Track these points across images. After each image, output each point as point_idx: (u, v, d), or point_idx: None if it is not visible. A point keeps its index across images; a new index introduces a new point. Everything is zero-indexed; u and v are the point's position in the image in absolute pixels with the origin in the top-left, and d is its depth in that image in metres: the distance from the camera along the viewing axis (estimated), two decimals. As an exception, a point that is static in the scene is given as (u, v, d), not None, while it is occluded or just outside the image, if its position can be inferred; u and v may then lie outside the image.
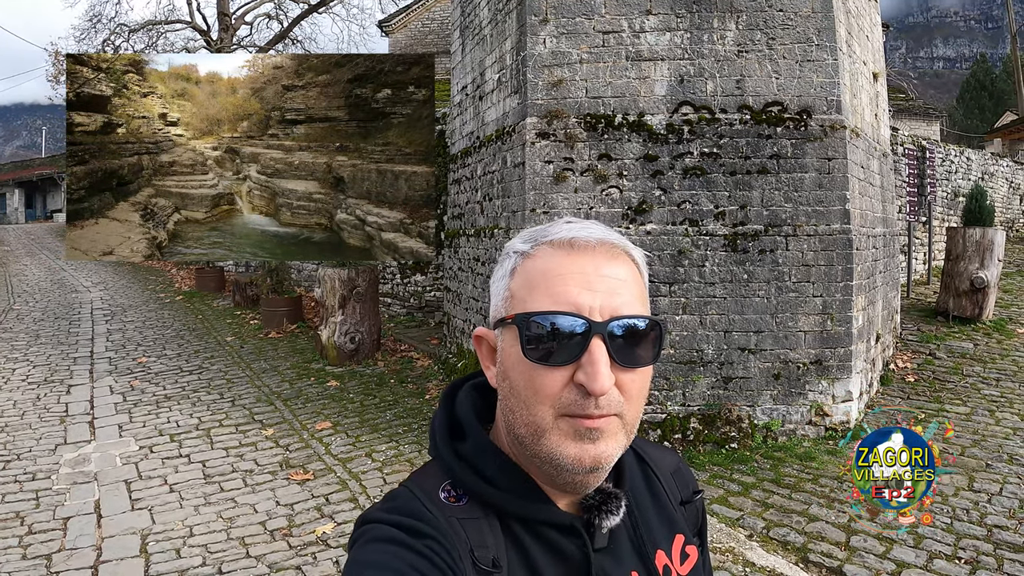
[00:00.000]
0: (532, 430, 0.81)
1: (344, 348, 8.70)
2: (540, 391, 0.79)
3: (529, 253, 0.84)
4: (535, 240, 0.85)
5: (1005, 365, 7.53)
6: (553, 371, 0.79)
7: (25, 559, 4.12)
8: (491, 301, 0.89)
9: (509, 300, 0.84)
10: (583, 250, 0.82)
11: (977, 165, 14.30)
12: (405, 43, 24.65)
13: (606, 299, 0.80)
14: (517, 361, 0.81)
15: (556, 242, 0.83)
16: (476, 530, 0.83)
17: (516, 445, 0.85)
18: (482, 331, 0.90)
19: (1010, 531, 4.29)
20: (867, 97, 7.04)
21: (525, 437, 0.82)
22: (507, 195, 6.37)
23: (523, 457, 0.86)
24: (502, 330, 0.84)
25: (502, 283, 0.86)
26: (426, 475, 0.89)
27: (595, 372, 0.77)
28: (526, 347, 0.79)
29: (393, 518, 0.81)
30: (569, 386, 0.79)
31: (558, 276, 0.81)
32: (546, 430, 0.80)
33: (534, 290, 0.81)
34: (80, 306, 13.17)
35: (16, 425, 6.55)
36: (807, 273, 5.74)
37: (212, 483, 5.23)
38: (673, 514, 0.99)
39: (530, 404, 0.80)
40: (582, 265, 0.81)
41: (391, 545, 0.78)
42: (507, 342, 0.83)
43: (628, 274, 0.83)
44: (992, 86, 45.71)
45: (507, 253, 0.88)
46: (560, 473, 0.82)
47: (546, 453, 0.81)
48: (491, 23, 6.95)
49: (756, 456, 5.46)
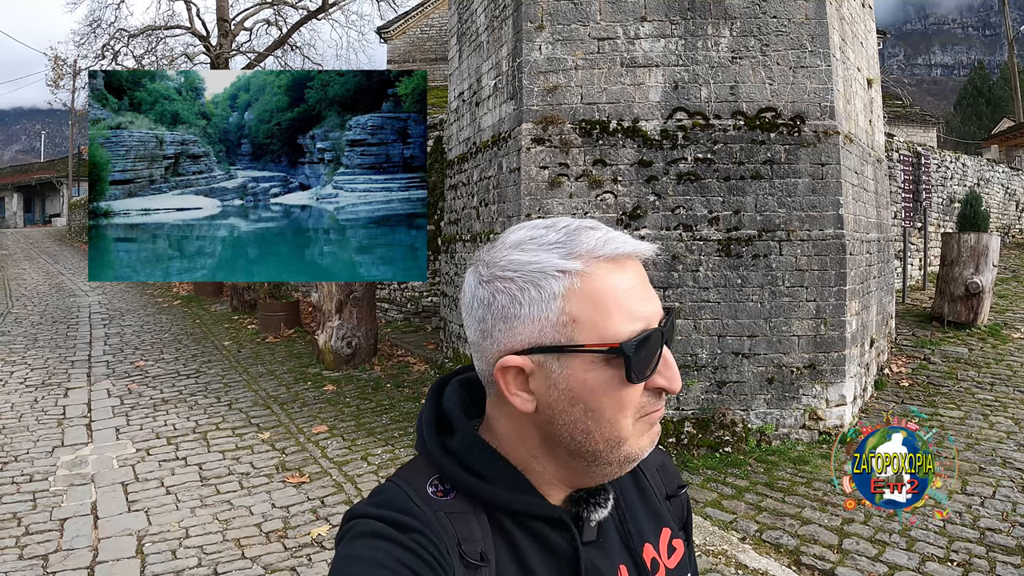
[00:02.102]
0: (614, 442, 0.82)
1: (341, 353, 8.72)
2: (628, 405, 0.81)
3: (585, 272, 0.80)
4: (579, 256, 0.81)
5: (1000, 370, 7.57)
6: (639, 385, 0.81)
7: (22, 559, 4.14)
8: (513, 325, 0.82)
9: (571, 325, 0.80)
10: (626, 261, 0.83)
11: (973, 171, 14.36)
12: (404, 49, 24.74)
13: (654, 304, 0.83)
14: (601, 384, 0.80)
15: (605, 257, 0.81)
16: (464, 524, 0.83)
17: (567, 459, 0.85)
18: (515, 360, 0.82)
19: (1003, 534, 4.32)
20: (861, 103, 7.09)
21: (603, 451, 0.83)
22: (503, 200, 6.40)
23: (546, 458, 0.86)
24: (562, 356, 0.80)
25: (551, 306, 0.80)
26: (413, 470, 0.89)
27: (674, 374, 0.83)
28: (635, 371, 0.79)
29: (380, 512, 0.81)
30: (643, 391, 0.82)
31: (625, 293, 0.81)
32: (627, 438, 0.83)
33: (610, 313, 0.79)
34: (78, 310, 13.19)
35: (14, 427, 6.57)
36: (801, 278, 5.78)
37: (208, 485, 5.25)
38: (659, 508, 1.01)
39: (615, 420, 0.81)
40: (632, 277, 0.82)
41: (378, 540, 0.78)
42: (579, 368, 0.80)
43: (644, 272, 0.87)
44: (989, 93, 45.88)
45: (543, 272, 0.80)
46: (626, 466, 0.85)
47: (623, 455, 0.83)
48: (488, 30, 7.00)
49: (750, 460, 5.49)
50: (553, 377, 0.81)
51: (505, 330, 0.82)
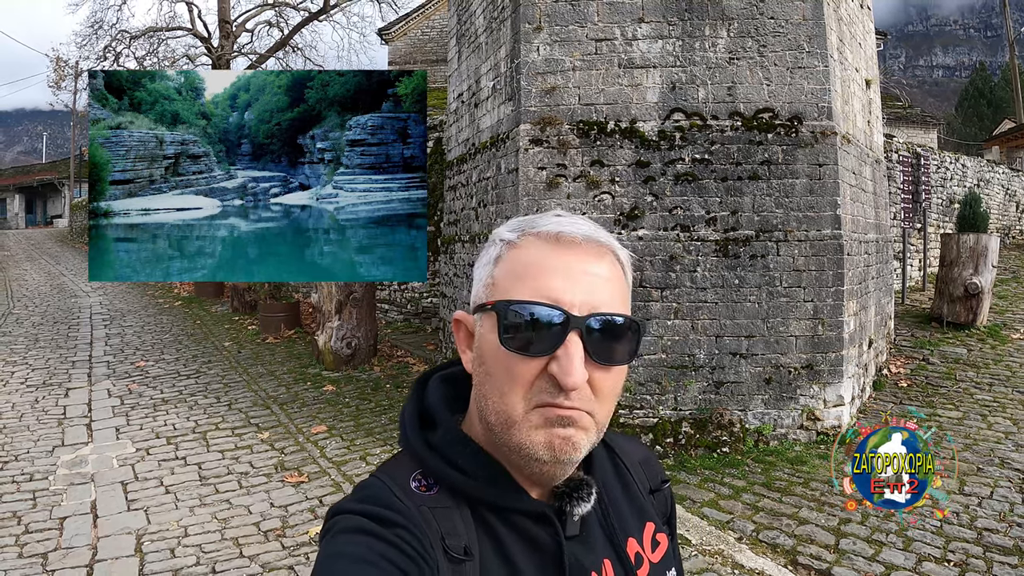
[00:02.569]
0: (503, 419, 0.81)
1: (340, 353, 8.74)
2: (514, 380, 0.80)
3: (515, 243, 0.84)
4: (522, 230, 0.85)
5: (998, 370, 7.57)
6: (528, 361, 0.79)
7: (22, 557, 4.17)
8: (472, 286, 0.89)
9: (491, 287, 0.84)
10: (569, 245, 0.82)
11: (973, 172, 14.36)
12: (405, 51, 24.78)
13: (587, 295, 0.80)
14: (494, 348, 0.81)
15: (543, 234, 0.83)
16: (447, 519, 0.83)
17: (487, 432, 0.85)
18: (461, 315, 0.90)
19: (1000, 534, 4.32)
20: (859, 104, 7.10)
21: (495, 426, 0.82)
22: (501, 201, 6.42)
23: (495, 445, 0.86)
24: (481, 316, 0.85)
25: (485, 269, 0.86)
26: (397, 465, 0.90)
27: (569, 366, 0.78)
28: (503, 335, 0.80)
29: (363, 508, 0.81)
30: (542, 376, 0.80)
31: (542, 268, 0.81)
32: (516, 421, 0.81)
33: (517, 280, 0.82)
34: (79, 311, 13.22)
35: (14, 427, 6.59)
36: (798, 278, 5.79)
37: (207, 485, 5.27)
38: (643, 503, 1.00)
39: (504, 392, 0.81)
40: (567, 260, 0.82)
41: (361, 535, 0.78)
42: (486, 328, 0.83)
43: (611, 273, 0.84)
44: (991, 94, 45.84)
45: (493, 240, 0.88)
46: (529, 462, 0.82)
47: (516, 443, 0.81)
48: (486, 31, 7.02)
49: (747, 460, 5.50)
50: (476, 335, 0.87)
51: (470, 292, 0.91)
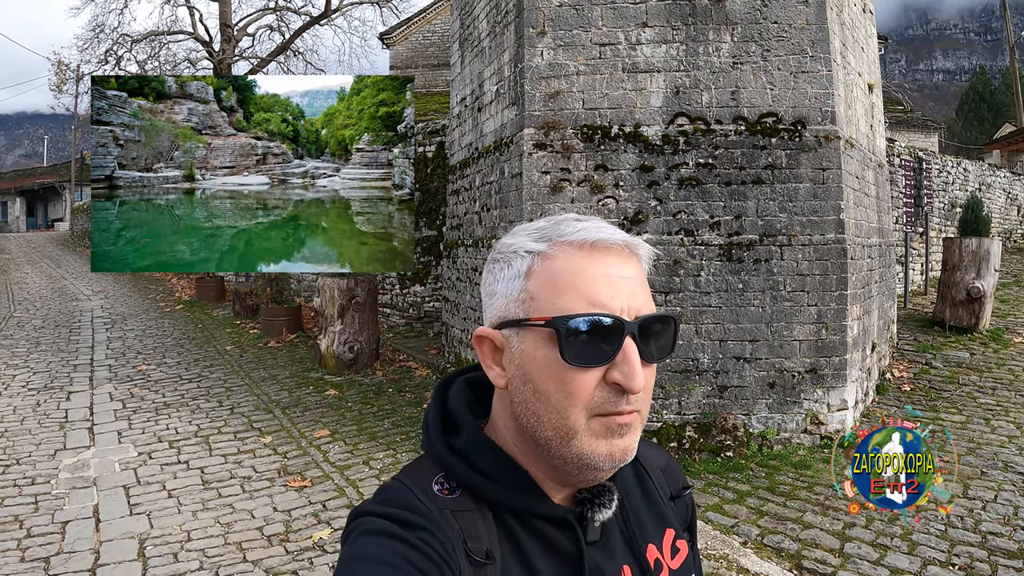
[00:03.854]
0: (563, 433, 0.81)
1: (343, 357, 8.74)
2: (574, 393, 0.79)
3: (548, 253, 0.83)
4: (550, 239, 0.84)
5: (1001, 374, 7.57)
6: (588, 372, 0.79)
7: (24, 562, 4.15)
8: (493, 301, 0.87)
9: (528, 301, 0.82)
10: (604, 251, 0.82)
11: (974, 176, 14.37)
12: (406, 55, 24.82)
13: (629, 300, 0.81)
14: (547, 364, 0.80)
15: (576, 243, 0.83)
16: (469, 522, 0.83)
17: (533, 446, 0.85)
18: (486, 331, 0.87)
19: (1004, 538, 4.32)
20: (862, 108, 7.11)
21: (552, 440, 0.82)
22: (504, 206, 6.42)
23: (529, 454, 0.86)
24: (519, 332, 0.83)
25: (515, 283, 0.84)
26: (419, 468, 0.90)
27: (632, 371, 0.79)
28: (566, 350, 0.79)
29: (386, 510, 0.81)
30: (601, 385, 0.80)
31: (584, 277, 0.81)
32: (578, 432, 0.80)
33: (562, 292, 0.81)
34: (80, 314, 13.22)
35: (16, 431, 6.58)
36: (802, 282, 5.79)
37: (210, 489, 5.26)
38: (663, 509, 1.00)
39: (562, 407, 0.80)
40: (605, 266, 0.82)
41: (384, 537, 0.78)
42: (529, 344, 0.82)
43: (639, 273, 0.85)
44: (991, 98, 45.91)
45: (516, 252, 0.85)
46: (585, 471, 0.83)
47: (575, 454, 0.81)
48: (489, 35, 7.03)
49: (751, 464, 5.49)
50: (513, 352, 0.84)
51: (488, 306, 0.88)
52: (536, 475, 0.87)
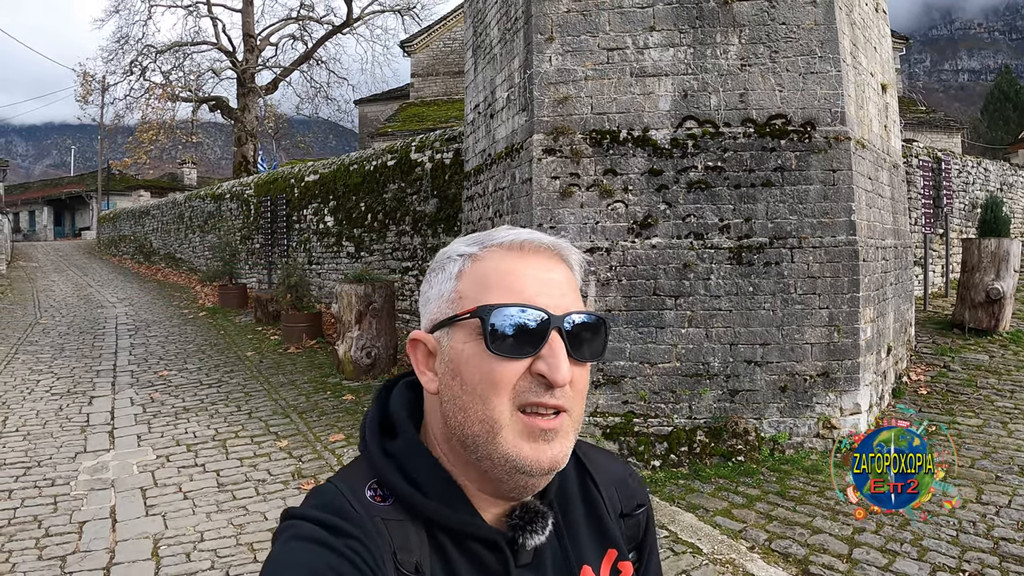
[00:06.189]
0: (488, 427, 0.81)
1: (360, 363, 8.82)
2: (499, 382, 0.80)
3: (477, 255, 0.85)
4: (481, 243, 0.86)
5: (1020, 377, 7.45)
6: (513, 363, 0.80)
7: (41, 560, 4.26)
8: (428, 307, 0.89)
9: (457, 301, 0.84)
10: (534, 252, 0.85)
11: (995, 176, 14.15)
12: (427, 63, 25.00)
13: (559, 298, 0.83)
14: (473, 355, 0.82)
15: (506, 244, 0.85)
16: (401, 532, 0.82)
17: (461, 449, 0.84)
18: (419, 334, 0.88)
19: (1017, 544, 4.26)
20: (875, 108, 7.06)
21: (479, 436, 0.82)
22: (516, 211, 6.46)
23: (460, 462, 0.86)
24: (450, 330, 0.84)
25: (447, 285, 0.86)
26: (354, 471, 0.88)
27: (556, 363, 0.80)
28: (489, 338, 0.80)
29: (316, 515, 0.80)
30: (526, 376, 0.81)
31: (512, 275, 0.83)
32: (503, 426, 0.80)
33: (490, 288, 0.83)
34: (105, 321, 13.46)
35: (38, 434, 6.74)
36: (813, 285, 5.76)
37: (225, 491, 5.35)
38: (608, 527, 0.97)
39: (487, 397, 0.81)
40: (534, 266, 0.84)
41: (311, 544, 0.77)
42: (458, 340, 0.83)
43: (568, 277, 0.87)
44: (1016, 97, 45.19)
45: (448, 257, 0.88)
46: (513, 476, 0.82)
47: (501, 454, 0.81)
48: (501, 42, 7.08)
49: (762, 469, 5.46)
50: (443, 351, 0.85)
51: (424, 312, 0.90)
52: (467, 487, 0.86)
